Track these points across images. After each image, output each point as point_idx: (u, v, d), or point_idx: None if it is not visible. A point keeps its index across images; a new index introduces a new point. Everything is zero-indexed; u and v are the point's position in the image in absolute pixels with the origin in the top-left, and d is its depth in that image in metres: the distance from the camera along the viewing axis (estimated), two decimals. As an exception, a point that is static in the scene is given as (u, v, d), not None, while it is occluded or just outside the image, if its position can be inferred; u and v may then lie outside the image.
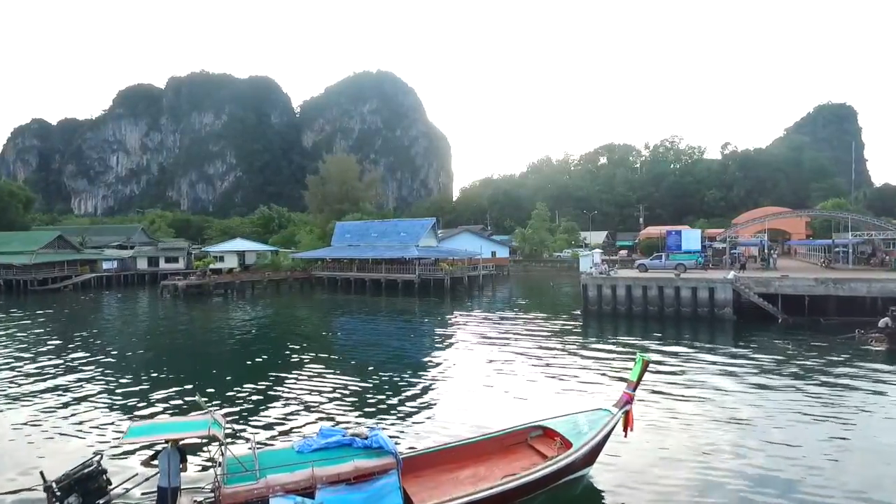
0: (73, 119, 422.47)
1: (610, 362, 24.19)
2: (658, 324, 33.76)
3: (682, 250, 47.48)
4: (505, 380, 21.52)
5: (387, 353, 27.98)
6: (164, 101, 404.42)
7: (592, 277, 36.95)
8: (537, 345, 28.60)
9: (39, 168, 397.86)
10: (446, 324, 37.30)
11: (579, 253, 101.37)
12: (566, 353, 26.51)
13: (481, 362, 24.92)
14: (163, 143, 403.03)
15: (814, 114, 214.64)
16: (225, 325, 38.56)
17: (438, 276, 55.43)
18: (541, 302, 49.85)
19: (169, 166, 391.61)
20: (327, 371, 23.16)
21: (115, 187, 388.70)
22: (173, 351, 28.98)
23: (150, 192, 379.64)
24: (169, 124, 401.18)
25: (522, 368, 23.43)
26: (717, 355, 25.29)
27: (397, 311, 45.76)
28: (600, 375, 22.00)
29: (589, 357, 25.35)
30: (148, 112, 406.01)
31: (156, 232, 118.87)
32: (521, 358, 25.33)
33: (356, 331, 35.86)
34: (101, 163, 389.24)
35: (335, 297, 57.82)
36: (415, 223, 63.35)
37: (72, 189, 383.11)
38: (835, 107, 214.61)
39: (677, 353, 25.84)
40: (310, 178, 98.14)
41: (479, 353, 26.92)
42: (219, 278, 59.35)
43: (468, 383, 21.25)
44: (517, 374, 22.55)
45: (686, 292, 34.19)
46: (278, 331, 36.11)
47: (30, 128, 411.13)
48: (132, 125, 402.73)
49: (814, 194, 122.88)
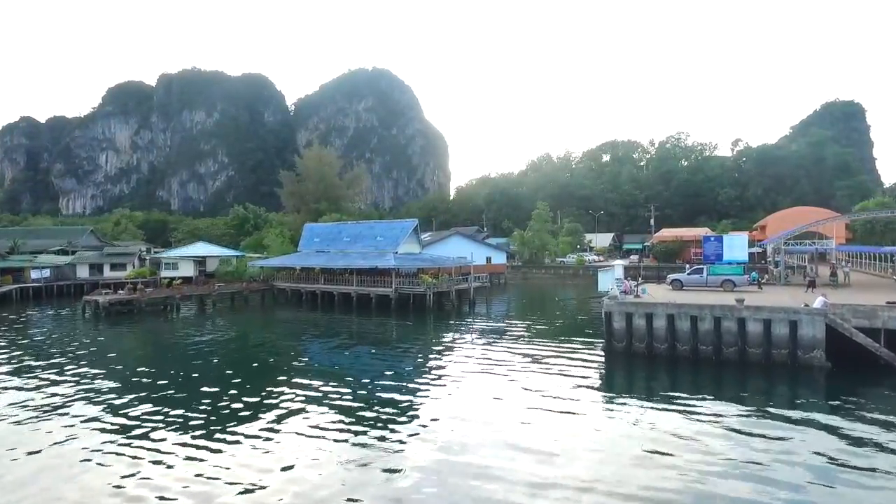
0: (63, 117, 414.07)
1: (654, 450, 14.21)
2: (713, 373, 23.80)
3: (724, 261, 37.43)
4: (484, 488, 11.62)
5: (338, 417, 17.79)
6: (154, 99, 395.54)
7: (619, 303, 26.77)
8: (538, 409, 18.66)
9: (27, 167, 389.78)
10: (420, 362, 27.19)
11: (584, 257, 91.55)
12: (581, 429, 16.54)
13: (453, 446, 15.10)
14: (153, 141, 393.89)
15: (821, 111, 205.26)
16: (142, 358, 28.42)
17: (419, 290, 45.33)
18: (544, 326, 39.71)
19: (159, 165, 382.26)
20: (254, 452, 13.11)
21: (104, 187, 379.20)
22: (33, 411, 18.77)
23: (140, 192, 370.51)
24: (159, 122, 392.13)
25: (511, 464, 13.60)
26: (812, 431, 16.36)
27: (368, 338, 36.06)
28: (636, 465, 12.06)
29: (619, 435, 15.59)
30: (138, 110, 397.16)
31: (121, 234, 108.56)
32: (512, 441, 15.31)
33: (305, 372, 25.52)
34: (90, 162, 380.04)
35: (297, 316, 47.95)
36: (393, 226, 53.26)
37: (60, 188, 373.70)
38: (843, 104, 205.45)
39: (748, 424, 16.77)
40: (283, 175, 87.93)
41: (450, 429, 16.79)
42: (154, 292, 49.13)
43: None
44: (504, 477, 12.78)
45: (755, 326, 24.08)
46: (204, 374, 25.83)
47: (18, 126, 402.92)
48: (122, 123, 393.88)
49: (839, 193, 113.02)
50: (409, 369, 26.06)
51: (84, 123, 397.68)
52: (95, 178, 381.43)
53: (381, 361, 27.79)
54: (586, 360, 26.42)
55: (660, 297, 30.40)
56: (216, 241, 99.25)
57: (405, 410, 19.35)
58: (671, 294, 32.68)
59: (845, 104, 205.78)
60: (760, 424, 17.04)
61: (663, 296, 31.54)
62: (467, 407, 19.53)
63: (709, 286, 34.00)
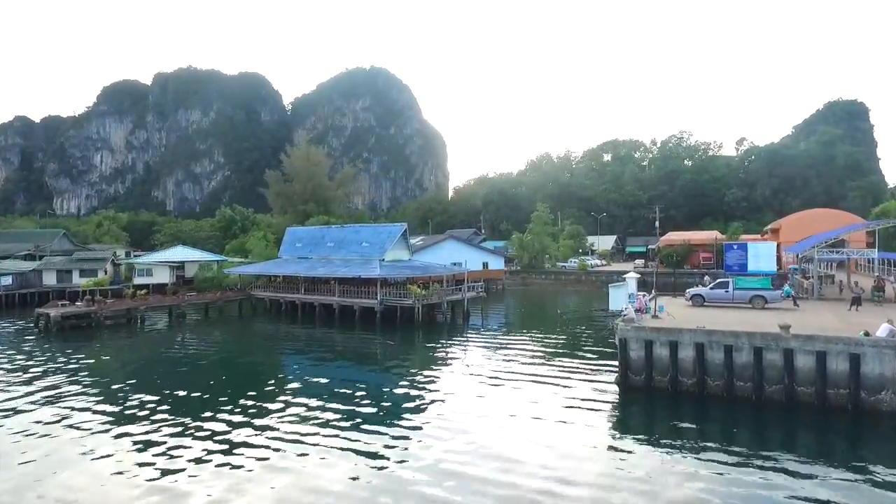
0: (57, 116, 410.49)
1: None
2: (753, 416, 19.47)
3: (749, 271, 33.00)
4: None
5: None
6: (150, 98, 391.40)
7: (636, 328, 22.33)
8: (534, 465, 14.17)
9: (21, 167, 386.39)
10: (399, 395, 22.71)
11: (586, 262, 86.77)
12: (590, 491, 12.18)
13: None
14: (148, 141, 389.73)
15: (824, 110, 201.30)
16: (78, 383, 23.95)
17: (407, 302, 40.86)
18: (544, 345, 35.24)
19: (155, 165, 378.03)
20: None
21: (98, 187, 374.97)
22: None
23: (135, 192, 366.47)
24: (155, 122, 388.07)
25: None
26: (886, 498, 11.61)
27: (349, 355, 31.99)
28: None
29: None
30: (133, 109, 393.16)
31: (103, 237, 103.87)
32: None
33: (278, 398, 21.12)
34: (85, 161, 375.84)
35: (275, 330, 43.76)
36: (380, 230, 48.74)
37: (54, 188, 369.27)
38: (846, 103, 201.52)
39: (797, 487, 13.03)
40: (269, 175, 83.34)
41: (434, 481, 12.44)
42: (116, 304, 44.57)
43: None
44: None
45: (805, 360, 19.66)
46: (152, 402, 21.35)
47: (13, 125, 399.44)
48: (117, 122, 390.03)
49: (851, 194, 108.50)
50: (385, 405, 21.60)
51: (78, 123, 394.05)
52: (90, 177, 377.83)
53: (353, 391, 23.31)
54: (596, 395, 21.99)
55: (680, 317, 26.01)
56: (201, 244, 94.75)
57: (379, 459, 14.97)
58: (691, 312, 28.30)
59: (848, 103, 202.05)
60: (815, 490, 12.84)
61: (683, 315, 27.17)
62: (448, 458, 15.28)
63: (735, 302, 29.59)
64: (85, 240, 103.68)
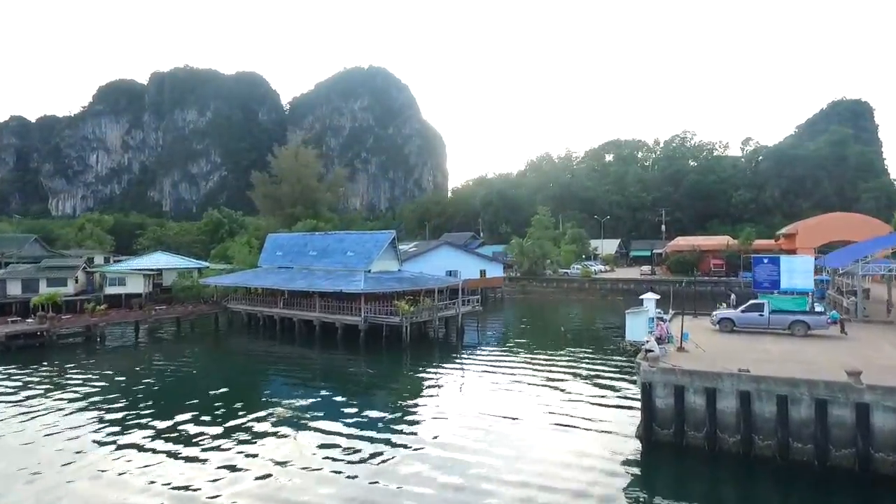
0: (53, 116, 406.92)
1: None
2: (816, 487, 15.28)
3: (781, 289, 28.68)
4: None
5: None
6: (146, 98, 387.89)
7: (663, 369, 18.05)
8: None
9: (17, 167, 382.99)
10: (376, 433, 18.43)
11: (590, 268, 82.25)
12: None
13: None
14: (145, 141, 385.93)
15: (828, 110, 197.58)
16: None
17: (393, 321, 36.57)
18: (546, 374, 30.95)
19: (151, 165, 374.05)
20: None
21: (94, 187, 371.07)
22: None
23: (131, 193, 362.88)
24: (151, 121, 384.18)
25: None
26: None
27: (331, 380, 28.05)
28: None
29: None
30: (129, 108, 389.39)
31: (85, 240, 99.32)
32: None
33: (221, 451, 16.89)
34: (80, 161, 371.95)
35: (250, 348, 39.89)
36: (366, 239, 44.32)
37: (49, 189, 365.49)
38: (850, 103, 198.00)
39: None
40: (255, 176, 78.96)
41: None
42: (71, 321, 40.24)
43: None
44: None
45: (885, 419, 15.39)
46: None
47: (8, 125, 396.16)
48: (113, 122, 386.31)
49: (864, 195, 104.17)
50: (351, 457, 17.32)
51: (74, 122, 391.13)
52: (86, 178, 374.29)
53: (318, 437, 19.00)
54: (611, 450, 17.78)
55: (710, 348, 21.79)
56: (186, 248, 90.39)
57: None
58: (721, 340, 24.06)
59: (853, 103, 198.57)
60: None
61: (712, 344, 22.94)
62: None
63: (771, 328, 25.29)
64: (67, 244, 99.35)
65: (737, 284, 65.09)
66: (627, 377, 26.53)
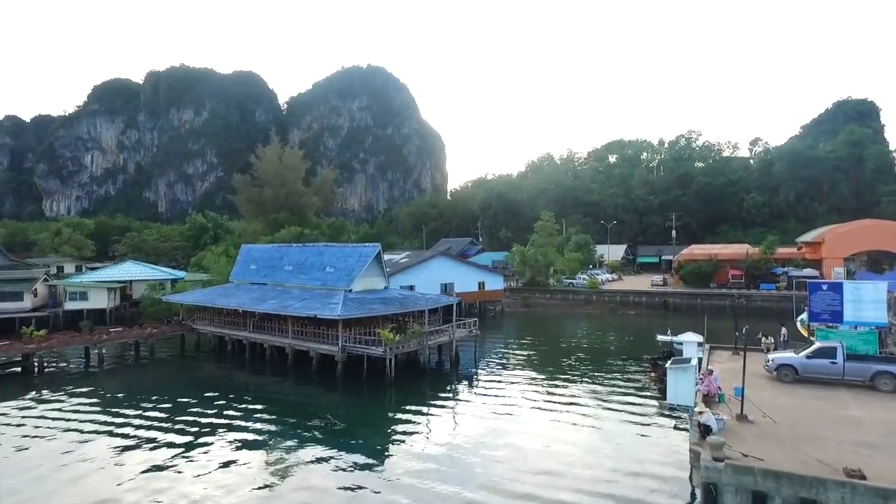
0: (48, 115, 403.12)
1: None
2: None
3: (846, 321, 23.30)
4: None
5: None
6: (141, 97, 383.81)
7: (733, 466, 12.59)
8: None
9: (11, 167, 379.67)
10: None
11: (596, 277, 76.16)
12: None
13: None
14: (140, 141, 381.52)
15: (833, 109, 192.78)
16: None
17: (375, 353, 31.13)
18: (555, 422, 25.57)
19: (147, 166, 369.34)
20: None
21: (89, 188, 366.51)
22: None
23: (126, 193, 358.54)
24: (147, 121, 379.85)
25: None
26: None
27: (300, 432, 22.80)
28: None
29: None
30: (125, 108, 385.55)
31: (62, 245, 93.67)
32: None
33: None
34: (75, 162, 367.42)
35: (214, 377, 34.90)
36: (347, 252, 38.85)
37: (43, 189, 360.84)
38: (855, 102, 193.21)
39: None
40: (237, 179, 73.50)
41: None
42: (4, 350, 34.67)
43: None
44: None
45: None
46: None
47: (2, 125, 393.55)
48: (108, 122, 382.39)
49: (884, 199, 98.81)
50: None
51: (68, 122, 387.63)
52: (80, 178, 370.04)
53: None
54: None
55: (774, 412, 16.35)
56: (167, 256, 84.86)
57: None
58: (782, 396, 18.64)
59: (858, 102, 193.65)
60: None
61: (771, 402, 17.51)
62: None
63: (847, 379, 19.85)
64: (43, 250, 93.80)
65: (758, 298, 59.97)
66: (666, 424, 21.18)
